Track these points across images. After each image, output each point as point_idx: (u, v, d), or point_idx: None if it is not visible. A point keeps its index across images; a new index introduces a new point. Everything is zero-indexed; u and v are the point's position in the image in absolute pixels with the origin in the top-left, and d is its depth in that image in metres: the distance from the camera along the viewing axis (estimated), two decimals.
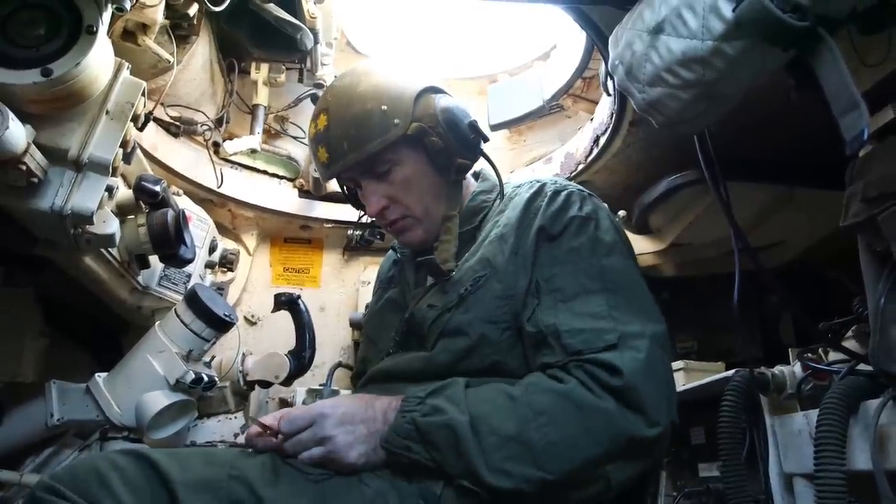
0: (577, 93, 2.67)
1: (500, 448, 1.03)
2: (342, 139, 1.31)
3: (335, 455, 1.05)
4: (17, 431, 1.80)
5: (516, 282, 1.21)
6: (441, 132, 1.30)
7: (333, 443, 1.06)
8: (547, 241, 1.23)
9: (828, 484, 1.24)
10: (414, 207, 1.36)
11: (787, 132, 1.80)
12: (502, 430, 1.04)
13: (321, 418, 1.09)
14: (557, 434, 1.03)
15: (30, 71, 1.15)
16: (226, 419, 2.37)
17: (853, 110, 0.87)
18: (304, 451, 1.07)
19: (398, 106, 1.31)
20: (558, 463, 1.02)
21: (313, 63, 2.51)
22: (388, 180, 1.35)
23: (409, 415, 1.07)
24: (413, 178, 1.35)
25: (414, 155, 1.34)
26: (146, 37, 1.79)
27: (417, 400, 1.09)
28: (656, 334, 1.13)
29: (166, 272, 2.01)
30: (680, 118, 1.12)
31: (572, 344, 1.11)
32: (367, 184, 1.36)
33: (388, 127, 1.29)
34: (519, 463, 1.02)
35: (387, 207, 1.36)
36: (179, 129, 2.34)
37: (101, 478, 0.93)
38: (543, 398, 1.07)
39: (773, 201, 2.10)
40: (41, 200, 1.29)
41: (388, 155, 1.32)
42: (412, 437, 1.06)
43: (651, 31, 1.08)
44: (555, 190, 1.29)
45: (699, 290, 2.74)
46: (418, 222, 1.37)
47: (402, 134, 1.30)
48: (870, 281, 1.29)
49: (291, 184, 2.86)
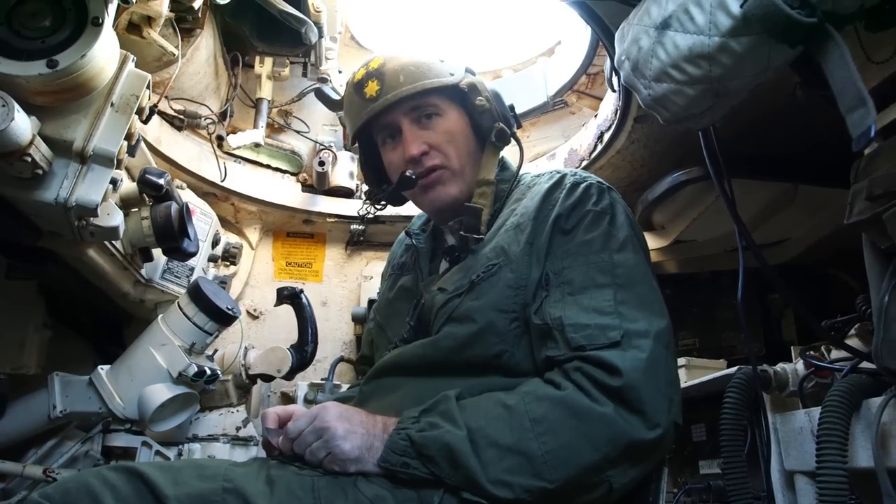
0: (582, 89, 2.67)
1: (500, 460, 1.02)
2: (399, 73, 1.35)
3: (331, 445, 1.05)
4: (19, 423, 1.81)
5: (529, 272, 1.20)
6: (489, 97, 1.38)
7: (331, 432, 1.06)
8: (561, 234, 1.22)
9: (829, 481, 1.24)
10: (453, 159, 1.37)
11: (791, 129, 1.80)
12: (500, 441, 1.03)
13: (323, 410, 1.10)
14: (555, 442, 1.03)
15: (35, 62, 1.15)
16: (228, 412, 2.37)
17: (860, 107, 0.86)
18: (307, 447, 1.08)
19: (454, 63, 1.41)
20: (558, 471, 1.01)
21: (317, 57, 2.52)
22: (431, 128, 1.37)
23: (404, 431, 1.07)
24: (456, 131, 1.39)
25: (459, 112, 1.41)
26: (151, 29, 1.80)
27: (412, 419, 1.09)
28: (661, 332, 1.12)
29: (169, 265, 2.02)
30: (686, 114, 1.12)
31: (576, 339, 1.10)
32: (410, 127, 1.37)
33: (444, 73, 1.37)
34: (519, 474, 1.02)
35: (426, 153, 1.36)
36: (183, 122, 2.35)
37: (92, 496, 0.92)
38: (540, 407, 1.06)
39: (777, 199, 2.10)
40: (46, 192, 1.29)
41: (437, 100, 1.37)
42: (408, 453, 1.05)
43: (658, 26, 1.08)
44: (574, 182, 1.28)
45: (702, 287, 2.73)
46: (454, 177, 1.37)
47: (456, 84, 1.37)
48: (874, 279, 1.29)
49: (294, 178, 2.87)
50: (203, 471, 1.00)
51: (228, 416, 2.36)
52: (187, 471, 1.00)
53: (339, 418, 1.09)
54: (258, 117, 2.58)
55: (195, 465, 1.03)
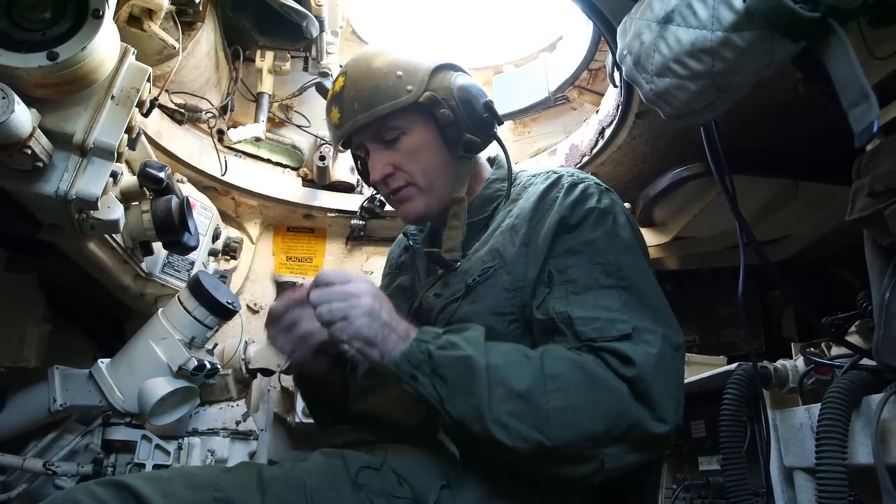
0: (583, 84, 2.66)
1: (507, 401, 1.02)
2: (354, 100, 1.32)
3: (353, 313, 1.05)
4: (19, 416, 1.81)
5: (525, 273, 1.19)
6: (454, 105, 1.32)
7: (359, 302, 1.06)
8: (566, 231, 1.21)
9: (829, 478, 1.24)
10: (417, 177, 1.35)
11: (793, 126, 1.80)
12: (513, 384, 1.02)
13: (359, 280, 1.09)
14: (565, 401, 1.02)
15: (36, 54, 1.14)
16: (227, 406, 2.37)
17: (863, 103, 0.86)
18: (328, 303, 1.07)
19: (414, 74, 1.32)
20: (559, 430, 1.01)
21: (318, 51, 2.51)
22: (395, 148, 1.35)
23: (425, 345, 1.06)
24: (420, 147, 1.35)
25: (424, 126, 1.35)
26: (152, 22, 1.79)
27: (434, 335, 1.08)
28: (668, 335, 1.12)
29: (170, 259, 2.02)
30: (688, 109, 1.12)
31: (585, 331, 1.10)
32: (374, 150, 1.36)
33: (399, 92, 1.31)
34: (521, 421, 1.01)
35: (391, 175, 1.35)
36: (184, 116, 2.34)
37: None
38: (558, 364, 1.05)
39: (779, 195, 2.10)
40: (46, 185, 1.29)
41: (397, 122, 1.33)
42: (422, 367, 1.05)
43: (660, 21, 1.07)
44: (572, 182, 1.27)
45: (702, 283, 2.73)
46: (420, 193, 1.35)
47: (414, 101, 1.31)
48: (875, 275, 1.29)
49: (295, 172, 2.86)
50: (193, 480, 1.00)
51: (228, 410, 2.37)
52: (176, 481, 0.99)
53: (372, 295, 1.08)
54: (259, 111, 2.58)
55: (184, 475, 1.02)
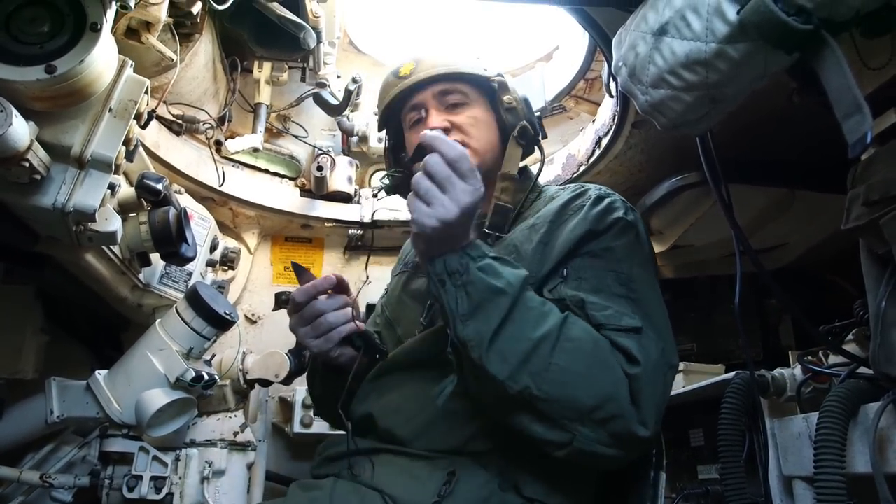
0: (580, 94, 2.68)
1: (513, 340, 1.04)
2: (437, 58, 1.43)
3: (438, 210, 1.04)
4: (16, 428, 1.80)
5: (539, 269, 1.21)
6: (518, 98, 1.44)
7: (448, 207, 1.04)
8: (593, 238, 1.22)
9: (827, 486, 1.24)
10: (475, 140, 1.39)
11: (788, 135, 1.81)
12: (524, 327, 1.05)
13: (470, 188, 1.06)
14: (569, 363, 1.04)
15: (33, 68, 1.15)
16: (225, 417, 2.36)
17: (856, 113, 0.86)
18: (432, 179, 1.05)
19: (487, 63, 1.48)
20: (550, 385, 1.02)
21: (316, 62, 2.52)
22: (457, 112, 1.41)
23: (467, 258, 1.07)
24: (480, 120, 1.42)
25: (487, 106, 1.45)
26: (150, 35, 1.80)
27: (481, 253, 1.09)
28: (667, 352, 1.14)
29: (167, 270, 2.01)
30: (683, 120, 1.12)
31: (596, 317, 1.12)
32: (436, 109, 1.41)
33: (477, 68, 1.44)
34: (518, 363, 1.03)
35: (448, 130, 1.37)
36: (182, 127, 2.34)
37: None
38: (575, 329, 1.08)
39: (775, 204, 2.10)
40: (43, 197, 1.29)
41: (467, 89, 1.42)
42: (454, 277, 1.06)
43: (655, 33, 1.08)
44: (599, 195, 1.30)
45: (699, 292, 2.74)
46: (474, 156, 1.35)
47: (488, 79, 1.43)
48: (871, 284, 1.29)
49: (293, 183, 2.86)
50: None
51: (226, 420, 2.35)
52: None
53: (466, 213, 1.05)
54: (257, 122, 2.59)
55: None
